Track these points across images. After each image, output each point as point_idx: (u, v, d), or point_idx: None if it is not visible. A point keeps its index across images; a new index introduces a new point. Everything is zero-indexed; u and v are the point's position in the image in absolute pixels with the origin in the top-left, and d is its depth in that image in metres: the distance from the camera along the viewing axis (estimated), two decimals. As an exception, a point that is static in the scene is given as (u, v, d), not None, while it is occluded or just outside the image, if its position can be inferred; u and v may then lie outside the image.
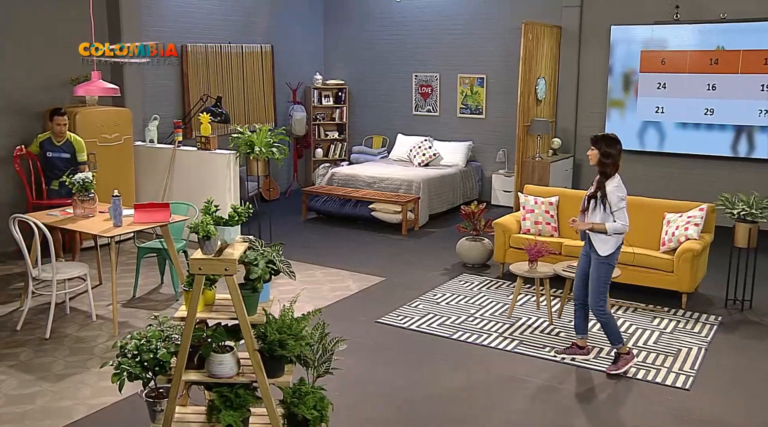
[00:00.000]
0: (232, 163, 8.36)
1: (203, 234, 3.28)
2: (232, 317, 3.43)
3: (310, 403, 3.53)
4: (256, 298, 3.46)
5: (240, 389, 3.54)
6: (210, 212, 3.42)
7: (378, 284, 7.30)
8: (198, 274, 3.34)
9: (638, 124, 9.92)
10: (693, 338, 5.94)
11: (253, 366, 3.43)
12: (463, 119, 11.59)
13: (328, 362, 3.75)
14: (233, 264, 3.31)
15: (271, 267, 3.52)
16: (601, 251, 5.15)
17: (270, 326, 3.46)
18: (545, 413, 4.70)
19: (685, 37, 9.41)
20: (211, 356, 3.48)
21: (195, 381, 3.64)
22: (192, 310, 3.38)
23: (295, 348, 3.47)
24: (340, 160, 12.33)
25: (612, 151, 5.12)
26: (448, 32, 11.46)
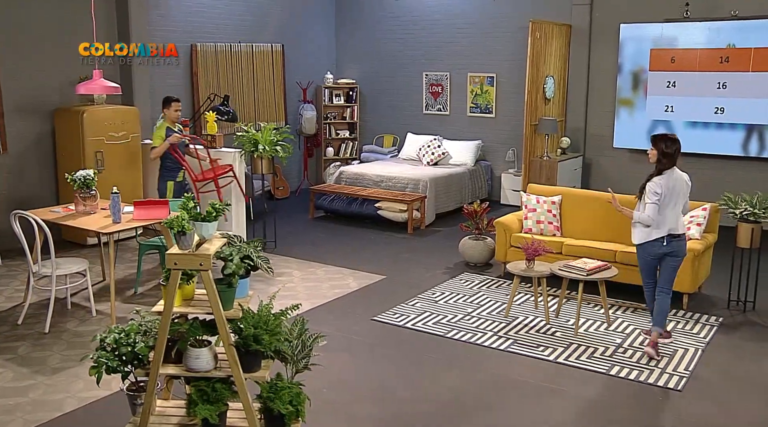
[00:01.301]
0: (237, 161, 8.43)
1: (178, 229, 3.32)
2: (209, 311, 3.48)
3: (285, 398, 3.56)
4: (231, 293, 3.50)
5: (217, 384, 3.58)
6: (187, 208, 3.46)
7: (378, 282, 7.32)
8: (174, 269, 3.38)
9: (648, 123, 9.83)
10: (691, 339, 5.89)
11: (229, 361, 3.47)
12: (473, 118, 11.57)
13: (308, 358, 3.77)
14: (208, 259, 3.35)
15: (248, 263, 3.56)
16: (634, 239, 5.64)
17: (246, 321, 3.50)
18: (537, 413, 4.69)
19: (695, 34, 9.31)
20: (188, 350, 3.53)
21: (172, 375, 3.68)
22: (168, 304, 3.43)
23: (271, 343, 3.50)
24: (351, 159, 12.38)
25: (669, 151, 5.47)
26: (459, 31, 11.45)
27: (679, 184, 5.50)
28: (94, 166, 7.97)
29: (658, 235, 5.47)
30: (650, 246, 5.52)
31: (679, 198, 5.51)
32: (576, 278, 5.96)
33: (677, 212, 5.51)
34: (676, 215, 5.49)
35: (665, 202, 5.42)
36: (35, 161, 8.51)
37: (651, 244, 5.51)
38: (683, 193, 5.55)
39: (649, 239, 5.50)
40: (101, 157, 8.31)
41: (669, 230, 5.45)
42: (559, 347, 5.70)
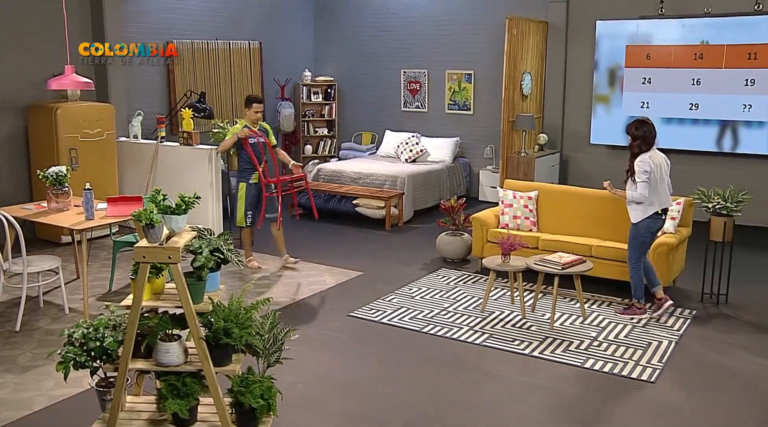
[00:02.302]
0: (214, 158, 8.37)
1: (146, 222, 3.29)
2: (179, 305, 3.44)
3: (256, 392, 3.53)
4: (201, 286, 3.47)
5: (187, 378, 3.55)
6: (157, 201, 3.43)
7: (355, 278, 7.31)
8: (142, 262, 3.35)
9: (624, 119, 9.86)
10: (665, 331, 5.93)
11: (199, 355, 3.44)
12: (451, 115, 11.58)
13: (279, 352, 3.75)
14: (177, 252, 3.32)
15: (218, 256, 3.53)
16: (632, 217, 6.00)
17: (216, 314, 3.47)
18: (514, 407, 4.69)
19: (669, 31, 9.39)
20: (158, 344, 3.49)
21: (142, 370, 3.65)
22: (137, 298, 3.39)
23: (242, 337, 3.48)
24: (330, 156, 12.35)
25: (638, 133, 5.91)
26: (437, 28, 11.46)
27: (662, 161, 6.01)
28: (68, 164, 7.88)
29: (653, 210, 5.90)
30: (650, 222, 5.94)
31: (665, 175, 5.99)
32: (551, 272, 5.98)
33: (665, 188, 5.98)
34: (665, 190, 5.97)
35: (655, 177, 5.84)
36: (8, 158, 8.40)
37: (651, 219, 5.92)
38: (666, 172, 6.04)
39: (646, 215, 5.90)
40: (75, 155, 8.22)
41: (663, 204, 5.92)
42: (535, 341, 5.71)
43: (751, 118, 8.97)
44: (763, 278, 7.33)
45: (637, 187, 5.83)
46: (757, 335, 5.92)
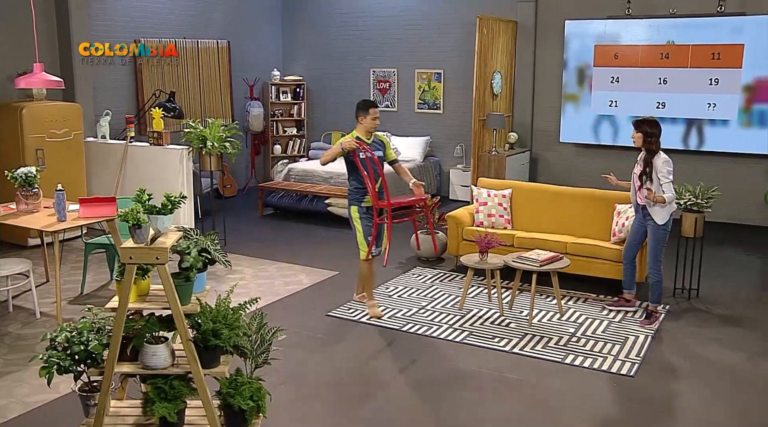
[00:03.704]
0: (185, 158, 8.26)
1: (133, 222, 3.21)
2: (166, 306, 3.37)
3: (246, 393, 3.48)
4: (189, 287, 3.41)
5: (175, 381, 3.48)
6: (142, 201, 3.36)
7: (331, 277, 7.27)
8: (129, 263, 3.27)
9: (592, 117, 10.03)
10: (638, 326, 6.00)
11: (187, 356, 3.37)
12: (421, 114, 11.60)
13: (267, 353, 3.71)
14: (164, 252, 3.25)
15: (205, 256, 3.47)
16: (659, 219, 5.85)
17: (204, 315, 3.41)
18: (496, 403, 4.71)
19: (636, 31, 9.53)
20: (145, 347, 3.42)
21: (128, 373, 3.58)
22: (123, 300, 3.32)
23: (230, 338, 3.42)
24: (299, 156, 12.28)
25: (654, 131, 5.86)
26: (406, 27, 11.46)
27: None
28: (35, 164, 7.69)
29: (673, 209, 5.93)
30: (671, 222, 5.93)
31: None
32: (530, 269, 6.02)
33: None
34: None
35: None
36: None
37: (671, 218, 5.91)
38: None
39: (670, 215, 5.89)
40: (42, 155, 8.03)
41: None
42: (515, 338, 5.74)
43: (715, 117, 9.15)
44: (730, 273, 7.48)
45: (666, 187, 5.78)
46: (729, 327, 6.04)
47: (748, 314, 6.37)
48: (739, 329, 6.02)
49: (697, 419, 4.49)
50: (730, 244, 8.49)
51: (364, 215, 6.03)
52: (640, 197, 5.97)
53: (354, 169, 5.97)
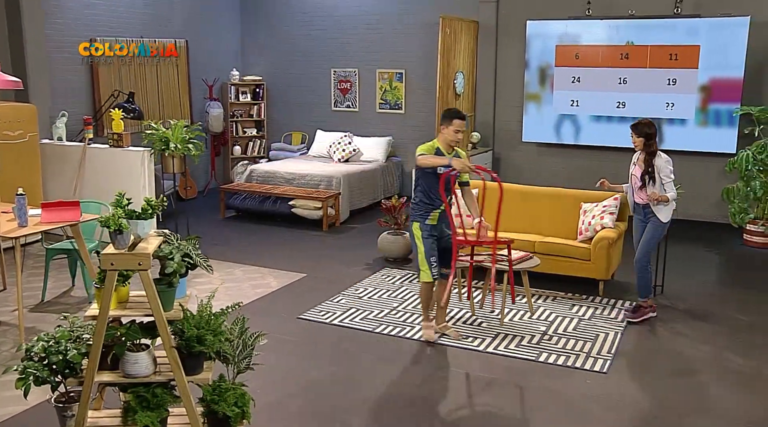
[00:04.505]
0: (147, 160, 8.12)
1: (115, 228, 3.16)
2: (148, 313, 3.33)
3: (230, 400, 3.45)
4: (172, 293, 3.37)
5: (157, 389, 3.44)
6: (122, 205, 3.30)
7: (299, 280, 7.25)
8: (110, 269, 3.22)
9: (554, 117, 10.19)
10: (609, 323, 6.14)
11: (171, 364, 3.33)
12: (382, 115, 11.63)
13: (249, 358, 3.68)
14: (147, 258, 3.21)
15: (188, 261, 3.43)
16: (663, 217, 6.03)
17: (187, 321, 3.37)
18: (471, 403, 4.76)
19: (597, 32, 9.72)
20: (126, 355, 3.36)
21: (109, 382, 3.51)
22: (104, 307, 3.26)
23: (214, 344, 3.39)
24: (259, 157, 12.20)
25: (653, 132, 6.01)
26: (367, 27, 11.48)
27: None
28: (-12, 168, 7.49)
29: (673, 207, 6.10)
30: (671, 221, 6.11)
31: None
32: (500, 268, 6.08)
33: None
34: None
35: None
36: None
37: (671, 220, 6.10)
38: None
39: (671, 214, 6.07)
40: (-4, 159, 7.81)
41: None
42: (488, 338, 5.81)
43: (673, 116, 9.39)
44: (692, 269, 7.70)
45: (669, 187, 5.95)
46: (694, 322, 6.21)
47: (711, 309, 6.56)
48: (704, 323, 6.20)
49: (670, 413, 4.61)
50: (690, 241, 8.72)
51: (427, 232, 5.51)
52: (641, 197, 6.10)
53: (429, 181, 5.44)
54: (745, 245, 8.72)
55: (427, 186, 5.47)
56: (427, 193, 5.49)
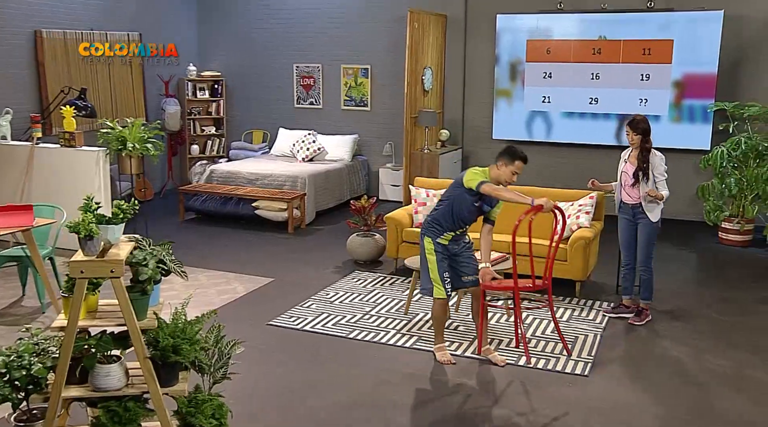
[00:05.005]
0: (102, 160, 8.01)
1: (85, 233, 3.12)
2: (120, 323, 3.29)
3: (207, 411, 3.44)
4: (146, 301, 3.34)
5: (129, 402, 3.40)
6: (91, 210, 3.26)
7: (267, 285, 7.22)
8: (80, 278, 3.17)
9: (526, 113, 10.32)
10: (588, 325, 6.24)
11: (145, 375, 3.30)
12: (347, 112, 11.63)
13: (225, 367, 3.67)
14: (120, 265, 3.17)
15: (162, 267, 3.40)
16: (653, 217, 6.15)
17: (162, 330, 3.34)
18: (449, 408, 4.79)
19: (568, 26, 9.88)
20: (96, 367, 3.32)
21: (77, 397, 3.46)
22: (73, 318, 3.22)
23: (190, 353, 3.37)
24: (218, 156, 12.10)
25: (648, 128, 6.10)
26: (331, 21, 11.47)
27: None
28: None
29: (662, 207, 6.18)
30: (660, 221, 6.20)
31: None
32: (477, 270, 6.13)
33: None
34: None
35: None
36: None
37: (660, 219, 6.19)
38: None
39: (661, 213, 6.18)
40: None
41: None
42: (464, 342, 5.86)
43: (647, 112, 9.51)
44: (666, 268, 7.85)
45: (662, 185, 6.05)
46: (673, 323, 6.36)
47: (687, 308, 6.72)
48: (681, 323, 6.34)
49: (654, 415, 4.71)
50: (664, 239, 8.86)
51: (439, 248, 5.41)
52: (632, 195, 6.18)
53: (462, 205, 5.31)
54: (720, 243, 8.94)
55: (457, 209, 5.33)
56: (453, 215, 5.35)
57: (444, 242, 5.42)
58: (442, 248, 5.41)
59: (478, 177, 5.22)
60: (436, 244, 5.40)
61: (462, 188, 5.29)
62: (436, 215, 5.44)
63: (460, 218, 5.36)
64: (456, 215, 5.35)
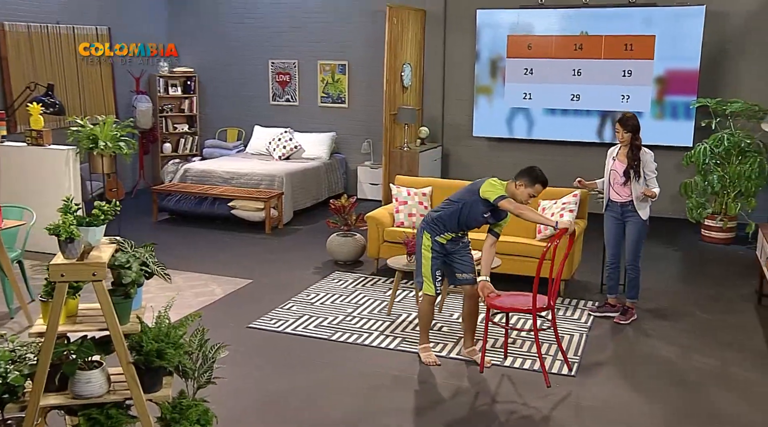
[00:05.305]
0: (72, 160, 7.91)
1: (66, 236, 3.09)
2: (102, 327, 3.26)
3: (193, 417, 3.42)
4: (128, 305, 3.31)
5: (111, 409, 3.37)
6: (71, 211, 3.23)
7: (245, 286, 7.20)
8: (60, 281, 3.14)
9: (507, 110, 10.37)
10: (574, 324, 6.30)
11: (128, 381, 3.28)
12: (324, 109, 11.62)
13: (210, 371, 3.65)
14: (102, 268, 3.14)
15: (145, 270, 3.38)
16: (644, 215, 6.24)
17: (146, 334, 3.32)
18: (438, 411, 4.81)
19: (550, 22, 9.95)
20: (77, 374, 3.29)
21: (56, 405, 3.42)
22: (53, 323, 3.18)
23: (175, 357, 3.35)
24: (192, 155, 12.03)
25: (638, 125, 6.18)
26: (307, 16, 11.45)
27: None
28: None
29: (650, 204, 6.29)
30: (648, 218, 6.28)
31: None
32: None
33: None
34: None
35: None
36: None
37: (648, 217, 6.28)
38: None
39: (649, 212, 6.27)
40: None
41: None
42: (449, 343, 5.89)
43: (629, 109, 9.64)
44: (650, 266, 7.92)
45: (653, 182, 6.14)
46: (658, 321, 6.44)
47: (672, 306, 6.82)
48: (667, 322, 6.43)
49: (642, 415, 4.76)
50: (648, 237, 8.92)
51: (436, 246, 5.42)
52: (622, 194, 6.24)
53: (472, 212, 5.33)
54: (703, 240, 9.07)
55: (466, 215, 5.34)
56: (459, 219, 5.36)
57: (443, 240, 5.43)
58: (440, 246, 5.43)
59: (498, 190, 5.21)
60: (434, 242, 5.41)
61: (476, 197, 5.29)
62: (442, 214, 5.43)
63: (466, 223, 5.40)
64: (463, 220, 5.37)
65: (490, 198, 5.20)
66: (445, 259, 5.49)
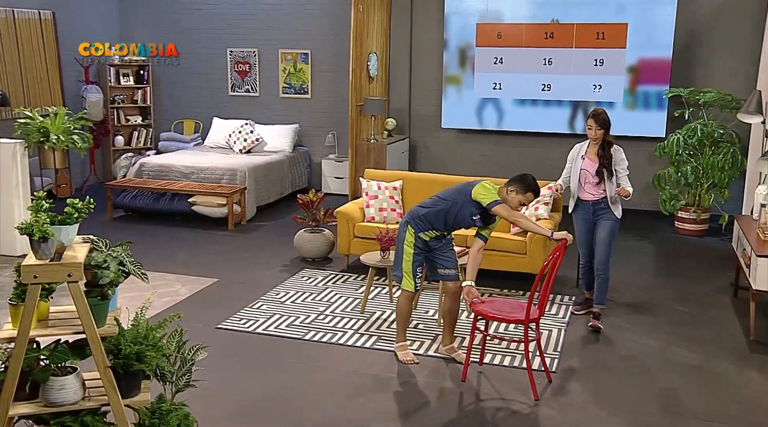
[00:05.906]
0: (20, 154, 7.78)
1: (40, 235, 3.06)
2: (76, 331, 3.24)
3: (173, 422, 3.42)
4: (105, 306, 3.29)
5: (87, 417, 3.35)
6: (43, 209, 3.20)
7: (211, 286, 7.17)
8: (33, 283, 3.11)
9: (476, 101, 10.47)
10: (551, 320, 6.41)
11: (105, 386, 3.26)
12: (286, 100, 11.60)
13: (189, 374, 3.66)
14: (79, 268, 3.12)
15: (121, 269, 3.36)
16: (618, 213, 6.24)
17: (124, 337, 3.31)
18: (419, 410, 4.87)
19: (520, 9, 10.07)
20: (50, 380, 3.26)
21: (26, 415, 3.38)
22: (25, 327, 3.15)
23: (154, 360, 3.35)
24: (146, 149, 11.90)
25: (609, 120, 6.16)
26: (266, 3, 11.40)
27: None
28: None
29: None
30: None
31: None
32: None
33: None
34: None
35: None
36: None
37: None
38: None
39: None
40: None
41: None
42: (426, 340, 5.95)
43: (601, 99, 9.85)
44: (626, 260, 8.13)
45: (624, 180, 6.09)
46: (635, 315, 6.59)
47: (649, 300, 6.98)
48: (644, 316, 6.59)
49: (626, 409, 4.88)
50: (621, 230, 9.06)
51: (419, 243, 5.45)
52: (594, 193, 6.21)
53: (463, 213, 5.36)
54: (677, 232, 9.29)
55: (453, 216, 5.38)
56: (446, 219, 5.40)
57: (426, 237, 5.47)
58: (423, 243, 5.47)
59: (492, 195, 5.26)
60: (417, 238, 5.43)
61: (468, 198, 5.33)
62: (429, 212, 5.44)
63: (453, 224, 5.44)
64: (450, 220, 5.41)
65: (484, 202, 5.26)
66: (427, 255, 5.55)
